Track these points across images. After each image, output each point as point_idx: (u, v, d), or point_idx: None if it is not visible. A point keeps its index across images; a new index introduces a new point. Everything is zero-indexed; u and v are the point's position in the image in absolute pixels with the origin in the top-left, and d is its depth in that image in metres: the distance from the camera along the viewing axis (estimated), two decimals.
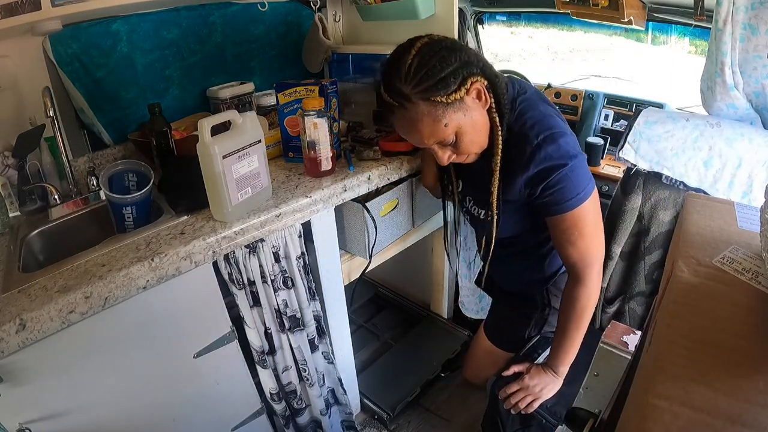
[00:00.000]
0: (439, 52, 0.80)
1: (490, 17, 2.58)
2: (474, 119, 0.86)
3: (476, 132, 0.87)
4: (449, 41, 0.82)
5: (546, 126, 0.86)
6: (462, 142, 0.87)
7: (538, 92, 0.96)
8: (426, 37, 0.82)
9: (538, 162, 0.84)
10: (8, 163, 1.12)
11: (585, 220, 0.88)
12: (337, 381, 1.32)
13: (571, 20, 2.10)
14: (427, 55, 0.80)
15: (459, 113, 0.83)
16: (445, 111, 0.82)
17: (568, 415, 0.68)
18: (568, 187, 0.84)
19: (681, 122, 1.13)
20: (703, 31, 1.94)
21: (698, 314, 0.41)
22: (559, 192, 0.85)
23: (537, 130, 0.85)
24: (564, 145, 0.84)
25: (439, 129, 0.84)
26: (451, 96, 0.80)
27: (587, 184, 0.87)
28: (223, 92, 1.39)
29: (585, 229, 0.88)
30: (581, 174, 0.86)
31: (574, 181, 0.84)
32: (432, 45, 0.81)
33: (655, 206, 1.20)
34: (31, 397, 0.81)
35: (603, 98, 2.26)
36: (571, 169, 0.84)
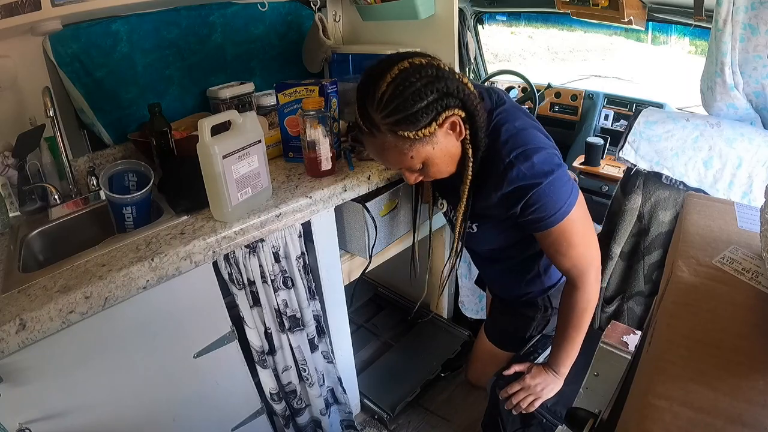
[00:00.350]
0: (415, 83, 0.74)
1: (490, 17, 2.59)
2: (444, 149, 0.83)
3: (445, 161, 0.86)
4: (431, 69, 0.76)
5: (520, 142, 0.82)
6: (429, 169, 0.87)
7: (515, 104, 0.93)
8: (407, 61, 0.76)
9: (512, 180, 0.82)
10: (8, 163, 1.12)
11: (571, 231, 0.85)
12: (337, 381, 1.32)
13: (571, 20, 2.10)
14: (401, 86, 0.74)
15: (428, 146, 0.81)
16: (412, 145, 0.79)
17: (568, 415, 0.68)
18: (547, 204, 0.82)
19: (681, 122, 1.13)
20: (703, 31, 1.94)
21: (698, 314, 0.41)
22: (539, 210, 0.83)
23: (510, 146, 0.82)
24: (538, 162, 0.80)
25: (405, 159, 0.83)
26: (420, 132, 0.77)
27: (568, 196, 0.83)
28: (223, 92, 1.39)
29: (573, 239, 0.86)
30: (560, 188, 0.82)
31: (552, 197, 0.81)
32: (410, 73, 0.75)
33: (655, 206, 1.20)
34: (31, 397, 0.81)
35: (603, 98, 2.26)
36: (549, 186, 0.81)
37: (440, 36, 1.36)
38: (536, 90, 2.32)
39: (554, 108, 2.43)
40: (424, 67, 0.75)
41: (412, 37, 1.43)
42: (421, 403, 1.54)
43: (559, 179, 0.82)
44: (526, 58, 4.16)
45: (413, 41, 1.42)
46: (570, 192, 0.84)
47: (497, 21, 2.68)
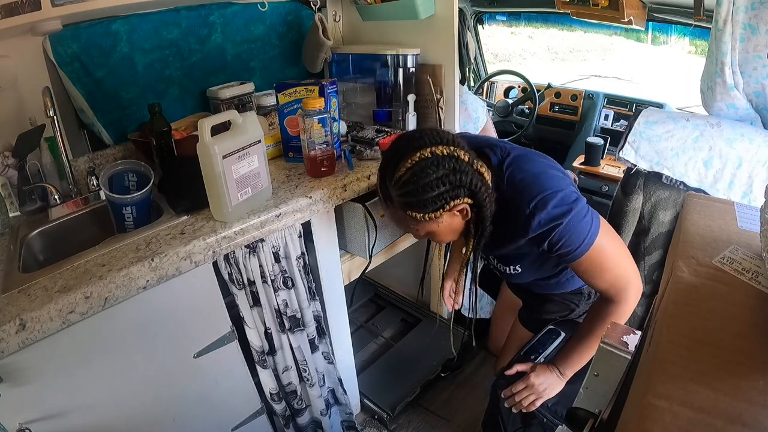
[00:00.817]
0: (431, 174, 0.81)
1: (490, 17, 2.59)
2: (448, 227, 0.90)
3: (448, 235, 0.93)
4: (449, 162, 0.81)
5: (536, 190, 0.86)
6: (432, 239, 0.98)
7: (521, 148, 0.97)
8: (429, 150, 0.81)
9: (535, 228, 0.86)
10: (8, 163, 1.12)
11: (601, 256, 0.89)
12: (337, 381, 1.32)
13: (571, 20, 2.10)
14: (417, 174, 0.81)
15: (433, 225, 0.88)
16: (418, 223, 0.88)
17: (568, 415, 0.68)
18: (571, 239, 0.86)
19: (681, 122, 1.13)
20: (703, 31, 1.94)
21: (698, 314, 0.41)
22: (564, 245, 0.87)
23: (528, 196, 0.86)
24: (555, 206, 0.85)
25: (411, 230, 0.93)
26: (427, 215, 0.85)
27: (589, 227, 0.87)
28: (223, 92, 1.39)
29: (605, 263, 0.90)
30: (580, 221, 0.86)
31: (574, 231, 0.86)
32: (428, 164, 0.81)
33: (655, 206, 1.20)
34: (31, 397, 0.81)
35: (603, 98, 2.26)
36: (568, 223, 0.85)
37: (440, 36, 1.36)
38: (536, 90, 2.32)
39: (554, 108, 2.43)
40: (443, 159, 0.81)
41: (412, 37, 1.43)
42: (421, 403, 1.54)
43: (577, 215, 0.86)
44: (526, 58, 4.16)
45: (413, 41, 1.42)
46: (591, 223, 0.87)
47: (497, 21, 2.68)
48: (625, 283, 0.91)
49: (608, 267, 0.90)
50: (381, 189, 0.90)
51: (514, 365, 1.08)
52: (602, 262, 0.89)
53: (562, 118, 2.40)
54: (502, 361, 1.35)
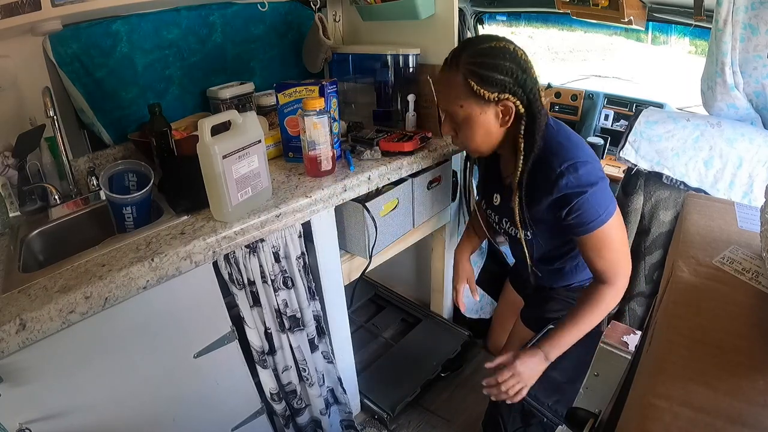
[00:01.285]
0: (506, 60, 0.88)
1: (490, 17, 2.58)
2: (486, 124, 0.93)
3: (481, 133, 0.95)
4: (524, 61, 0.90)
5: (569, 155, 0.91)
6: (464, 131, 0.97)
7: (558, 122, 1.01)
8: (512, 45, 0.90)
9: (560, 188, 0.90)
10: (8, 163, 1.12)
11: (609, 238, 0.93)
12: (337, 381, 1.32)
13: (571, 20, 2.10)
14: (497, 54, 0.88)
15: (476, 107, 0.92)
16: (468, 96, 0.91)
17: (568, 415, 0.68)
18: (589, 211, 0.90)
19: (682, 122, 1.13)
20: (703, 31, 1.94)
21: (698, 314, 0.41)
22: (581, 216, 0.91)
23: (561, 158, 0.90)
24: (584, 174, 0.89)
25: (454, 103, 0.94)
26: (481, 91, 0.89)
27: (608, 205, 0.91)
28: (223, 92, 1.39)
29: (611, 244, 0.93)
30: (602, 198, 0.90)
31: (594, 204, 0.89)
32: (507, 52, 0.89)
33: (656, 206, 1.20)
34: (31, 397, 0.81)
35: (603, 98, 2.26)
36: (591, 195, 0.89)
37: (440, 36, 1.36)
38: None
39: (554, 108, 2.42)
40: (519, 57, 0.89)
41: (412, 37, 1.43)
42: (421, 403, 1.54)
43: (602, 189, 0.91)
44: None
45: (413, 41, 1.42)
46: (610, 202, 0.92)
47: (497, 21, 2.68)
48: (620, 269, 0.95)
49: (612, 249, 0.93)
50: (451, 56, 0.93)
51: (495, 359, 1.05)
52: (609, 243, 0.93)
53: (562, 118, 2.39)
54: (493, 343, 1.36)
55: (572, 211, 0.91)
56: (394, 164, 1.23)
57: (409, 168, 1.27)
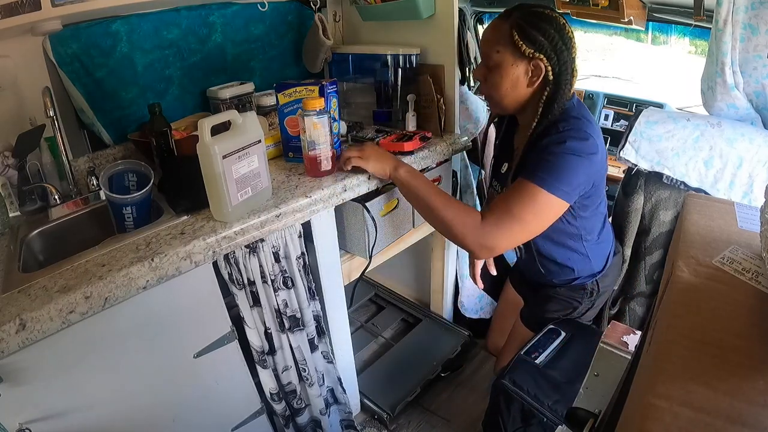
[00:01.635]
0: (551, 28, 0.95)
1: (491, 17, 2.58)
2: (514, 76, 0.99)
3: (507, 84, 1.00)
4: (569, 36, 0.97)
5: (577, 126, 0.94)
6: (492, 75, 1.02)
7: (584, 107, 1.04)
8: (563, 19, 0.97)
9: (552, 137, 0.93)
10: (8, 163, 1.12)
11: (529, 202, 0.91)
12: (337, 381, 1.32)
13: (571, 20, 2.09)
14: (547, 19, 0.96)
15: (510, 57, 0.98)
16: (507, 44, 0.97)
17: (568, 415, 0.68)
18: (546, 166, 0.91)
19: (682, 122, 1.13)
20: (703, 31, 1.94)
21: (698, 314, 0.41)
22: (538, 161, 0.92)
23: (569, 125, 0.94)
24: (579, 142, 0.91)
25: (493, 47, 1.00)
26: (520, 45, 0.95)
27: (566, 185, 0.90)
28: (223, 92, 1.39)
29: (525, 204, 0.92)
30: (570, 171, 0.90)
31: (556, 165, 0.90)
32: (556, 23, 0.96)
33: (656, 206, 1.20)
34: (31, 397, 0.81)
35: (603, 98, 2.26)
36: (565, 153, 0.90)
37: (440, 36, 1.36)
38: None
39: None
40: (565, 31, 0.97)
41: (412, 37, 1.43)
42: (421, 403, 1.54)
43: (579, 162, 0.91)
44: None
45: (413, 41, 1.42)
46: (573, 188, 0.92)
47: None
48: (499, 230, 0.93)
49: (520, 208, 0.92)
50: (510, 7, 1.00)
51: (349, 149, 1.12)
52: (524, 203, 0.92)
53: None
54: (501, 361, 1.35)
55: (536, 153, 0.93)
56: None
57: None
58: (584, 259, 1.12)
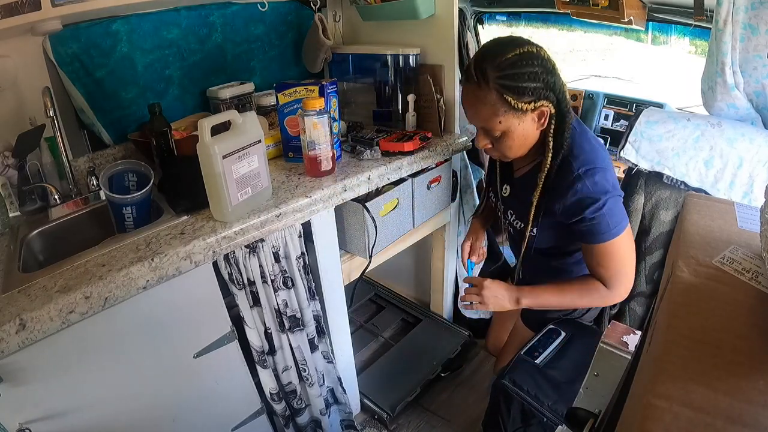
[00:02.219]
0: (535, 66, 0.86)
1: (490, 17, 2.58)
2: (524, 132, 0.93)
3: (519, 142, 0.95)
4: (550, 63, 0.89)
5: (589, 160, 0.91)
6: (503, 142, 0.95)
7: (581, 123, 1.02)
8: (535, 47, 0.88)
9: (575, 192, 0.90)
10: (8, 163, 1.12)
11: (616, 252, 0.93)
12: (337, 381, 1.32)
13: (571, 20, 2.09)
14: (525, 62, 0.86)
15: (515, 120, 0.90)
16: (506, 111, 0.89)
17: (568, 415, 0.68)
18: (601, 223, 0.90)
19: (682, 122, 1.13)
20: (703, 31, 1.94)
21: (698, 314, 0.41)
22: (593, 225, 0.91)
23: (580, 162, 0.91)
24: (601, 180, 0.90)
25: (492, 120, 0.92)
26: (518, 104, 0.88)
27: (620, 221, 0.92)
28: (223, 92, 1.39)
29: (616, 258, 0.94)
30: (615, 211, 0.91)
31: (607, 217, 0.90)
32: (534, 57, 0.87)
33: (656, 206, 1.20)
34: (31, 397, 0.81)
35: (603, 98, 2.25)
36: (605, 204, 0.89)
37: (440, 36, 1.36)
38: None
39: None
40: (546, 59, 0.88)
41: (412, 37, 1.43)
42: (421, 403, 1.54)
43: (616, 201, 0.91)
44: None
45: (413, 41, 1.42)
46: (622, 218, 0.92)
47: (497, 21, 2.68)
48: (621, 282, 0.96)
49: (616, 261, 0.94)
50: (477, 71, 0.89)
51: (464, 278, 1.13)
52: (614, 256, 0.93)
53: None
54: (502, 361, 1.35)
55: (584, 220, 0.91)
56: (394, 164, 1.23)
57: (409, 168, 1.27)
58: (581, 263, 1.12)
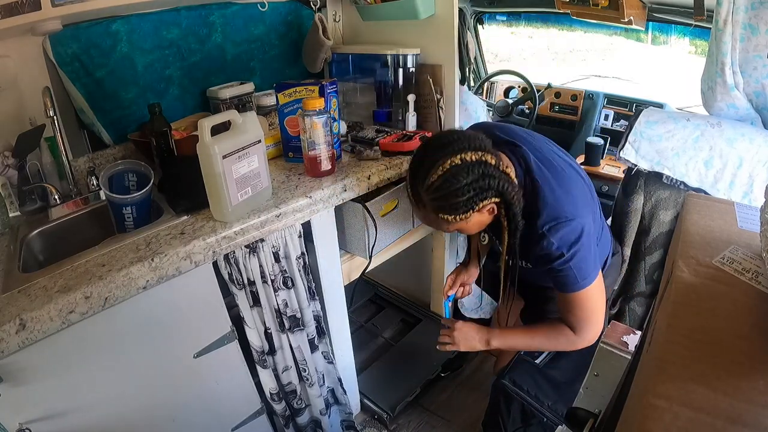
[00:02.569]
0: (462, 180, 0.84)
1: (490, 17, 2.58)
2: (477, 223, 0.93)
3: (475, 228, 0.96)
4: (478, 168, 0.84)
5: (553, 215, 0.90)
6: (461, 233, 1.03)
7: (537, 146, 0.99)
8: (458, 157, 0.84)
9: (542, 248, 0.91)
10: (8, 163, 1.12)
11: (585, 303, 0.95)
12: (337, 381, 1.32)
13: (571, 20, 2.10)
14: (449, 181, 0.84)
15: (462, 223, 0.91)
16: (449, 223, 0.90)
17: (568, 415, 0.68)
18: (569, 276, 0.92)
19: (682, 122, 1.13)
20: (703, 31, 1.94)
21: (698, 314, 0.41)
22: (561, 277, 0.93)
23: (544, 218, 0.90)
24: (567, 234, 0.89)
25: (442, 227, 0.95)
26: (457, 217, 0.88)
27: (589, 273, 0.92)
28: (223, 92, 1.39)
29: (584, 308, 0.95)
30: (583, 263, 0.91)
31: (575, 270, 0.91)
32: (459, 170, 0.84)
33: (656, 206, 1.20)
34: (31, 397, 0.81)
35: (603, 98, 2.26)
36: (572, 257, 0.89)
37: (440, 36, 1.36)
38: (536, 90, 2.32)
39: (554, 108, 2.42)
40: (473, 165, 0.84)
41: (412, 38, 1.43)
42: (421, 403, 1.54)
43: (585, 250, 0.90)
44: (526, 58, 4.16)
45: (413, 41, 1.42)
46: (592, 269, 0.93)
47: (497, 21, 2.68)
48: (588, 329, 0.97)
49: (584, 310, 0.96)
50: (412, 192, 0.91)
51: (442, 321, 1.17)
52: (583, 306, 0.95)
53: (562, 118, 2.40)
54: (501, 361, 1.36)
55: (554, 271, 0.93)
56: (394, 164, 1.23)
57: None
58: None
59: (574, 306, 0.95)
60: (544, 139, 1.04)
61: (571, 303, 0.95)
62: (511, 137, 0.99)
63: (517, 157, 0.95)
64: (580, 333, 0.97)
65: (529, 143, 0.98)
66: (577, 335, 0.98)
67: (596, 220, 1.02)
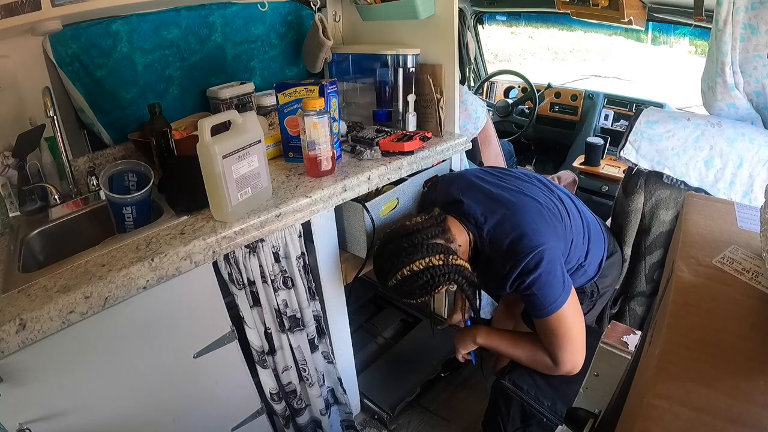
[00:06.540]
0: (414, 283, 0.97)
1: (490, 17, 2.59)
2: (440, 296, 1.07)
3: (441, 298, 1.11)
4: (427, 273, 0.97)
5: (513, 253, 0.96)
6: None
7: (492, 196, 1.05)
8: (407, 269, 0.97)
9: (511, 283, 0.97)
10: (8, 163, 1.12)
11: (559, 328, 0.96)
12: (337, 381, 1.32)
13: (571, 20, 2.10)
14: (404, 285, 0.99)
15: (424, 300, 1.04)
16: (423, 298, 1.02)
17: (568, 415, 0.67)
18: (536, 301, 0.95)
19: (682, 122, 1.13)
20: (703, 31, 1.94)
21: (698, 314, 0.41)
22: (530, 303, 0.97)
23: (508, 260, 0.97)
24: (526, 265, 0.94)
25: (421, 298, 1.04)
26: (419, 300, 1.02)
27: (558, 295, 0.94)
28: (223, 92, 1.39)
29: (558, 332, 0.97)
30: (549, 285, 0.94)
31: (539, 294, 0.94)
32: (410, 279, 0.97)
33: (656, 206, 1.20)
34: (31, 397, 0.81)
35: (603, 98, 2.26)
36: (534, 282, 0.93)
37: (440, 36, 1.36)
38: (536, 90, 2.32)
39: (554, 108, 2.43)
40: (421, 273, 0.97)
41: (412, 37, 1.43)
42: (421, 403, 1.54)
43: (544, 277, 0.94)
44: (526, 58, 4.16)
45: (413, 41, 1.42)
46: (560, 291, 0.95)
47: (497, 21, 2.68)
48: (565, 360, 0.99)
49: (558, 336, 0.97)
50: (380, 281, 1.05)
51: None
52: (556, 332, 0.97)
53: (562, 118, 2.40)
54: (502, 361, 1.35)
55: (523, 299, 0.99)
56: (394, 164, 1.23)
57: (409, 168, 1.27)
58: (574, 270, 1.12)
59: (548, 331, 0.98)
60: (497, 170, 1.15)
61: (544, 328, 0.98)
62: (458, 194, 1.08)
63: (466, 217, 1.04)
64: (557, 361, 0.99)
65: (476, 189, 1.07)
66: (555, 364, 0.99)
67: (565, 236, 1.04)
